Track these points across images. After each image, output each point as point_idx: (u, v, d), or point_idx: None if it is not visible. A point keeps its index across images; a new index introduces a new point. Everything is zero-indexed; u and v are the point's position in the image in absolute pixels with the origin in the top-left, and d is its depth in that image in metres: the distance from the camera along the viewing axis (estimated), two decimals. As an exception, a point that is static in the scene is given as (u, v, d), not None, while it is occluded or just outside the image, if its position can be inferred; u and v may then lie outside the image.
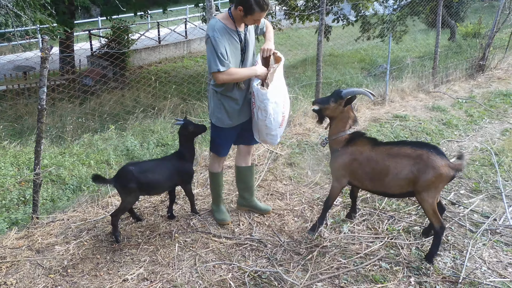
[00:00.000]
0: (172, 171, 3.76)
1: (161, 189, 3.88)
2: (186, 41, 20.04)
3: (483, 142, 5.98)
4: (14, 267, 3.34)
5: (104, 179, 3.57)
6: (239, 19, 3.39)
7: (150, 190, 3.79)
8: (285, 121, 3.64)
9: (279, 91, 3.47)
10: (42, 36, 3.42)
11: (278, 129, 3.59)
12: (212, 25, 3.36)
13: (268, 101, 3.39)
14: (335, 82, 10.35)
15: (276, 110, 3.46)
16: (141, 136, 6.56)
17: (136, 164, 3.73)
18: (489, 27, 10.90)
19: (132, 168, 3.59)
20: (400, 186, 3.32)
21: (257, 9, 3.26)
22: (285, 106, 3.59)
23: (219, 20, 3.38)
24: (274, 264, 3.40)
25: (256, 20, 3.37)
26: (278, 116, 3.50)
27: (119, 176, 3.60)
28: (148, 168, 3.69)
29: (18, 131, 8.36)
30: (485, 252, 3.57)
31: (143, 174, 3.60)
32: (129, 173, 3.55)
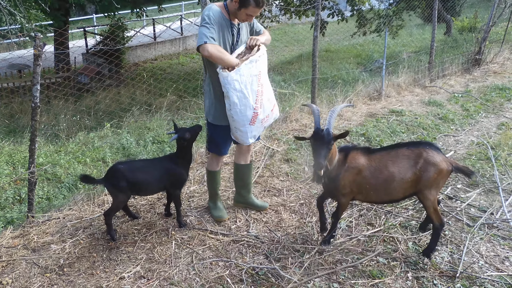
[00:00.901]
0: (163, 173, 3.64)
1: (150, 191, 3.80)
2: (182, 38, 19.98)
3: (480, 136, 5.98)
4: (10, 266, 3.32)
5: (93, 179, 3.50)
6: (233, 12, 3.36)
7: (139, 191, 3.69)
8: (258, 120, 3.47)
9: (249, 82, 3.32)
10: (35, 34, 3.38)
11: (248, 126, 3.44)
12: (209, 7, 3.31)
13: (230, 86, 3.25)
14: (331, 78, 10.33)
15: (244, 102, 3.32)
16: (137, 134, 6.52)
17: (125, 162, 3.64)
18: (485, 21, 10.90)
19: (121, 167, 3.51)
20: (405, 190, 3.27)
21: (253, 3, 3.23)
22: (261, 103, 3.45)
23: (217, 7, 3.35)
24: (271, 261, 3.39)
25: (248, 16, 3.32)
26: (246, 110, 3.35)
27: (108, 175, 3.52)
28: (138, 168, 3.61)
29: (12, 129, 8.31)
30: (482, 246, 3.57)
31: (133, 173, 3.51)
32: (118, 171, 3.48)
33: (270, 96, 3.60)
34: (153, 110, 7.70)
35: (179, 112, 8.03)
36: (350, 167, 3.26)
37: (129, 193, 3.59)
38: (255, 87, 3.37)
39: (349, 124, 6.39)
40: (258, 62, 3.38)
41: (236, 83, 3.25)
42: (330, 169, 3.23)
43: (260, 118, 3.47)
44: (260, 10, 3.31)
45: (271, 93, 3.64)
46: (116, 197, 3.56)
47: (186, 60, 18.10)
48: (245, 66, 3.28)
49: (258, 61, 3.37)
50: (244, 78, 3.28)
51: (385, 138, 5.84)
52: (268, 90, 3.56)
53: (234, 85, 3.26)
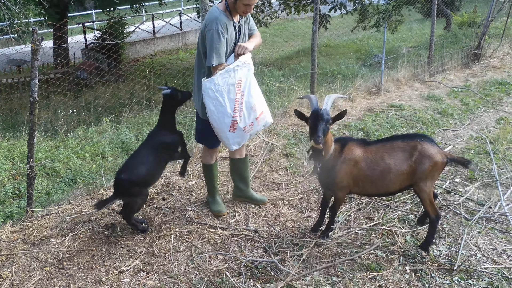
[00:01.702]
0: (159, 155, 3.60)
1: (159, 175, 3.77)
2: (181, 33, 19.93)
3: (478, 130, 5.99)
4: (10, 260, 3.33)
5: (106, 200, 3.55)
6: (233, 7, 3.37)
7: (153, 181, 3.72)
8: (239, 128, 3.46)
9: (226, 92, 3.34)
10: (33, 28, 3.38)
11: (229, 133, 3.46)
12: (216, 17, 3.31)
13: (204, 94, 3.33)
14: (331, 72, 10.32)
15: (220, 109, 3.36)
16: (136, 129, 6.52)
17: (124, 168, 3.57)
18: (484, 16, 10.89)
19: (123, 176, 3.48)
20: (401, 182, 3.28)
21: None
22: (241, 112, 3.44)
23: (217, 8, 3.37)
24: (270, 254, 3.41)
25: (246, 6, 3.33)
26: (223, 117, 3.39)
27: (117, 188, 3.54)
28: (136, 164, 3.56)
29: (11, 124, 8.31)
30: (480, 240, 3.59)
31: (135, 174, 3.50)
32: (124, 181, 3.47)
33: (256, 103, 3.55)
34: (152, 105, 7.71)
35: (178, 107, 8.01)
36: (346, 158, 3.26)
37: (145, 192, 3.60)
38: (232, 96, 3.38)
39: (348, 119, 6.39)
40: (238, 71, 3.38)
41: (210, 91, 3.32)
42: (326, 158, 3.23)
43: (241, 127, 3.47)
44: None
45: (258, 101, 3.59)
46: (135, 201, 3.54)
47: (186, 56, 18.08)
48: (220, 76, 3.32)
49: (237, 70, 3.37)
50: (220, 87, 3.33)
51: (384, 133, 5.85)
52: (253, 98, 3.53)
53: (208, 92, 3.33)
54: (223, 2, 3.43)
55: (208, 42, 3.33)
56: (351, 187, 3.38)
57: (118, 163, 5.24)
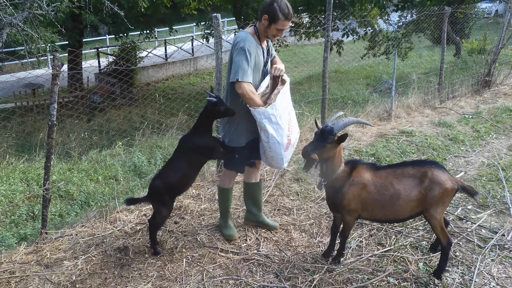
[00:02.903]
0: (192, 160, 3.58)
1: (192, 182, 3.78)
2: (193, 59, 20.26)
3: (490, 157, 5.97)
4: (23, 282, 3.36)
5: (138, 199, 3.66)
6: (263, 32, 3.48)
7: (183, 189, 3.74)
8: (291, 145, 3.60)
9: (282, 113, 3.44)
10: (54, 54, 3.49)
11: (284, 153, 3.56)
12: (244, 37, 3.41)
13: (267, 121, 3.38)
14: (341, 98, 10.39)
15: (280, 132, 3.45)
16: (148, 152, 6.61)
17: (159, 175, 3.63)
18: (494, 44, 10.95)
19: (158, 182, 3.56)
20: (411, 208, 3.26)
21: (282, 17, 3.35)
22: (291, 129, 3.57)
23: (249, 34, 3.47)
24: (281, 280, 3.40)
25: (279, 31, 3.43)
26: (283, 139, 3.47)
27: (151, 192, 3.61)
28: (171, 171, 3.58)
29: (26, 147, 8.44)
30: (493, 268, 3.55)
31: (170, 180, 3.55)
32: (158, 187, 3.55)
33: (294, 117, 3.71)
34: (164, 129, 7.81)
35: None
36: (355, 181, 3.27)
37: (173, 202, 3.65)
38: (286, 116, 3.50)
39: (359, 144, 6.42)
40: (285, 94, 3.54)
41: (272, 117, 3.39)
42: (333, 177, 3.27)
43: (292, 143, 3.62)
44: (289, 22, 3.42)
45: (294, 113, 3.74)
46: (162, 210, 3.60)
47: (197, 80, 18.33)
48: (279, 100, 3.42)
49: (285, 92, 3.53)
50: (279, 111, 3.42)
51: (395, 158, 5.86)
52: (293, 113, 3.69)
53: (271, 119, 3.39)
54: (252, 27, 3.55)
55: (235, 59, 3.39)
56: (359, 211, 3.37)
57: (130, 186, 5.30)
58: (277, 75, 3.59)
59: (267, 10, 3.38)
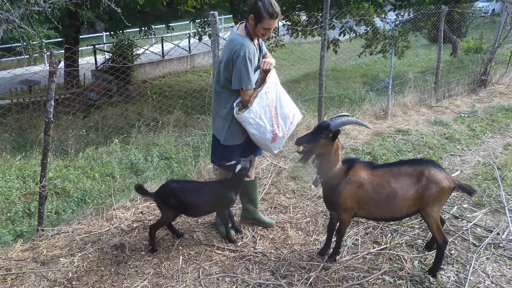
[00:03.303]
0: (213, 197, 3.73)
1: (198, 213, 3.93)
2: (190, 56, 20.22)
3: (486, 156, 6.00)
4: (19, 279, 3.36)
5: (146, 192, 3.70)
6: (252, 31, 3.48)
7: (187, 211, 3.80)
8: (279, 137, 3.67)
9: (262, 113, 3.52)
10: (51, 51, 3.48)
11: (271, 144, 3.68)
12: (241, 43, 3.40)
13: (246, 123, 3.52)
14: (338, 97, 10.41)
15: (262, 130, 3.55)
16: (145, 150, 6.60)
17: (178, 182, 3.82)
18: (490, 43, 10.99)
19: (173, 185, 3.68)
20: (408, 207, 3.28)
21: (266, 16, 3.34)
22: (278, 124, 3.64)
23: (240, 36, 3.46)
24: (277, 277, 3.41)
25: (266, 30, 3.43)
26: (265, 135, 3.59)
27: (160, 191, 3.69)
28: (190, 189, 3.74)
29: (22, 144, 8.41)
30: (488, 266, 3.57)
31: (183, 193, 3.65)
32: (170, 190, 3.64)
33: (289, 111, 3.73)
34: (160, 127, 7.80)
35: (186, 128, 8.11)
36: (352, 179, 3.29)
37: (177, 211, 3.72)
38: (268, 115, 3.57)
39: (355, 143, 6.44)
40: (269, 92, 3.56)
41: (251, 119, 3.50)
42: (329, 174, 3.29)
43: (280, 136, 3.69)
44: (275, 21, 3.41)
45: (289, 106, 3.75)
46: (164, 213, 3.71)
47: (194, 78, 18.30)
48: (256, 103, 3.50)
49: (268, 91, 3.55)
50: (258, 113, 3.50)
51: (391, 157, 5.88)
52: (285, 108, 3.70)
53: (249, 121, 3.51)
54: (242, 28, 3.53)
55: (238, 67, 3.39)
56: (355, 210, 3.38)
57: (127, 183, 5.29)
58: (266, 69, 3.60)
59: (252, 10, 3.39)
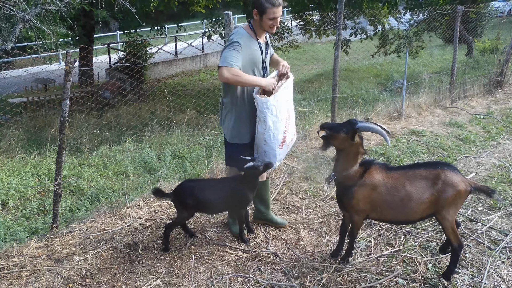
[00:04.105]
0: (229, 193, 3.72)
1: (215, 210, 3.96)
2: (203, 55, 20.28)
3: (501, 158, 5.91)
4: (34, 275, 3.40)
5: (164, 193, 3.70)
6: (258, 27, 3.48)
7: (205, 209, 3.84)
8: (285, 144, 3.62)
9: (283, 107, 3.46)
10: (66, 50, 3.51)
11: (278, 149, 3.57)
12: (235, 31, 3.45)
13: (268, 111, 3.37)
14: (351, 97, 10.35)
15: (277, 126, 3.45)
16: (158, 149, 6.63)
17: (195, 181, 3.83)
18: (507, 43, 10.83)
19: (191, 185, 3.69)
20: (422, 210, 3.24)
21: (269, 5, 3.34)
22: (288, 127, 3.59)
23: (244, 30, 3.48)
24: (290, 278, 3.40)
25: (272, 20, 3.40)
26: (278, 134, 3.49)
27: (177, 191, 3.69)
28: (206, 187, 3.76)
29: (38, 142, 8.51)
30: (504, 270, 3.52)
31: (201, 192, 3.66)
32: (188, 189, 3.65)
33: (293, 117, 3.74)
34: (173, 126, 7.83)
35: (199, 127, 8.14)
36: (366, 182, 3.26)
37: (194, 211, 3.74)
38: (285, 113, 3.51)
39: (368, 144, 6.39)
40: (289, 89, 3.57)
41: (273, 108, 3.38)
42: (344, 174, 3.28)
43: (287, 142, 3.63)
44: (279, 9, 3.37)
45: (294, 114, 3.77)
46: (181, 213, 3.71)
47: (207, 77, 18.35)
48: (281, 92, 3.43)
49: (288, 87, 3.56)
50: (280, 104, 3.42)
51: (405, 158, 5.83)
52: (293, 114, 3.72)
53: (272, 110, 3.38)
54: (246, 25, 3.55)
55: (225, 49, 3.37)
56: (368, 212, 3.35)
57: (140, 182, 5.33)
58: (284, 72, 3.61)
59: (254, 4, 3.41)
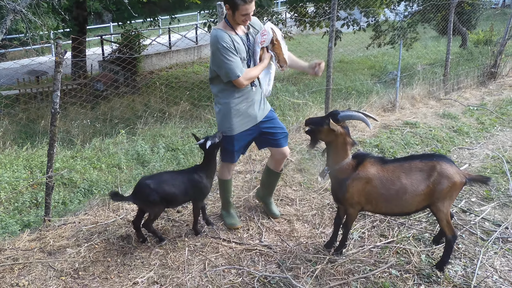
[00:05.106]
0: (188, 185, 3.67)
1: (176, 203, 3.86)
2: (197, 47, 20.16)
3: (495, 149, 5.93)
4: (26, 268, 3.38)
5: (122, 196, 3.62)
6: (232, 20, 3.43)
7: (168, 203, 3.74)
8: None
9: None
10: (57, 41, 3.47)
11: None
12: (215, 35, 3.39)
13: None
14: (345, 89, 10.34)
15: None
16: (151, 141, 6.59)
17: (151, 177, 3.67)
18: (501, 35, 10.84)
19: (149, 182, 3.55)
20: (418, 202, 3.24)
21: (241, 3, 3.28)
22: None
23: (219, 29, 3.43)
24: (283, 270, 3.40)
25: (244, 16, 3.35)
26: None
27: (137, 191, 3.57)
28: (165, 180, 3.64)
29: (30, 134, 8.45)
30: (496, 261, 3.54)
31: (160, 186, 3.56)
32: (146, 187, 3.52)
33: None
34: (166, 118, 7.79)
35: (192, 120, 8.10)
36: (360, 175, 3.25)
37: (162, 205, 3.64)
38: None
39: (362, 135, 6.39)
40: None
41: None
42: (336, 167, 3.28)
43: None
44: (251, 5, 3.32)
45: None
46: (151, 210, 3.61)
47: (201, 69, 18.26)
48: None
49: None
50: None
51: (398, 150, 5.83)
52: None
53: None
54: (222, 22, 3.51)
55: (219, 60, 3.38)
56: (362, 204, 3.35)
57: (133, 174, 5.30)
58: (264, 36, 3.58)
59: (226, 1, 3.36)
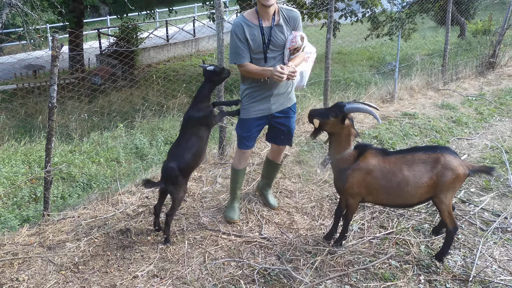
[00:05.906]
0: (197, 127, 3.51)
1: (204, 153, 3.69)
2: (194, 40, 20.08)
3: (494, 140, 5.93)
4: (26, 263, 3.37)
5: (153, 183, 3.51)
6: (259, 6, 3.46)
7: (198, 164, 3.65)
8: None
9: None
10: (53, 35, 3.44)
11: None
12: (234, 22, 3.53)
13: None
14: (344, 80, 10.31)
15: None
16: (150, 134, 6.59)
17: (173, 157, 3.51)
18: (499, 24, 10.81)
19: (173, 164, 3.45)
20: (420, 194, 3.23)
21: None
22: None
23: (241, 16, 3.53)
24: (283, 262, 3.41)
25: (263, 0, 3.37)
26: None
27: (165, 175, 3.48)
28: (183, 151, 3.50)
29: (28, 129, 8.43)
30: (495, 251, 3.55)
31: (184, 161, 3.46)
32: (173, 169, 3.43)
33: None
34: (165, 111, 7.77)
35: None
36: (360, 166, 3.25)
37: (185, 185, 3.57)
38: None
39: (361, 127, 6.38)
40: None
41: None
42: (337, 157, 3.30)
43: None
44: None
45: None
46: (178, 193, 3.51)
47: (198, 62, 18.19)
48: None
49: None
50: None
51: (397, 141, 5.83)
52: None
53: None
54: (253, 8, 3.57)
55: (230, 43, 3.56)
56: (363, 195, 3.35)
57: (132, 168, 5.30)
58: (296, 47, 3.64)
59: None
